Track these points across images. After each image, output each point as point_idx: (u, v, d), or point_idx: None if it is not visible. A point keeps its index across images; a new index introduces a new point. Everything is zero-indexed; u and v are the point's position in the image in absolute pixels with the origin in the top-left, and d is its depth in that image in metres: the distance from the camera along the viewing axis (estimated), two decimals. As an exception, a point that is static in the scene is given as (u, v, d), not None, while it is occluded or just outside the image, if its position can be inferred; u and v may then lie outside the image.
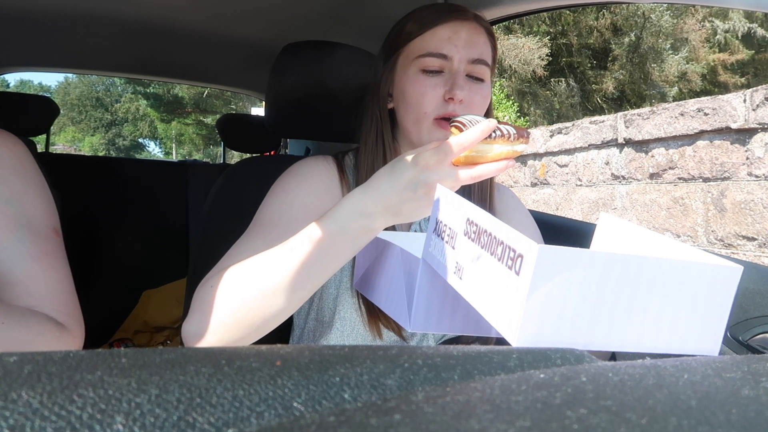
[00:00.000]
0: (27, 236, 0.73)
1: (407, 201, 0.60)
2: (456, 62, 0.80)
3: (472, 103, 0.81)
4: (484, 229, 0.45)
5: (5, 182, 0.73)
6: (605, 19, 10.49)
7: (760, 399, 0.20)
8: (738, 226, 2.86)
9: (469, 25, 0.82)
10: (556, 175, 4.29)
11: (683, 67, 11.01)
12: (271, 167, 1.07)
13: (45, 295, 0.72)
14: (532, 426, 0.17)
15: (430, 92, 0.80)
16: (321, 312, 0.87)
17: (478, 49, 0.82)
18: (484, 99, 0.83)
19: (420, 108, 0.80)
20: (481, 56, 0.82)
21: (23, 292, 0.70)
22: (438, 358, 0.25)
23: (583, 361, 0.27)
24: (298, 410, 0.20)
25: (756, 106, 2.73)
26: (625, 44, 10.72)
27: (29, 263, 0.72)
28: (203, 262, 1.00)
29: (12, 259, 0.71)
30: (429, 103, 0.80)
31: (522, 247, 0.40)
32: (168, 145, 27.86)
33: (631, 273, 0.41)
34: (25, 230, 0.73)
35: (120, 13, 1.46)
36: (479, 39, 0.82)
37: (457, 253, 0.49)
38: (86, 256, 1.71)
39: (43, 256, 0.73)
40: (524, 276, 0.39)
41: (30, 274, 0.71)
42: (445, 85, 0.80)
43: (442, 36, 0.80)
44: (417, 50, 0.82)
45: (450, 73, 0.80)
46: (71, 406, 0.18)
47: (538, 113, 10.79)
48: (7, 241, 0.71)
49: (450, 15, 0.82)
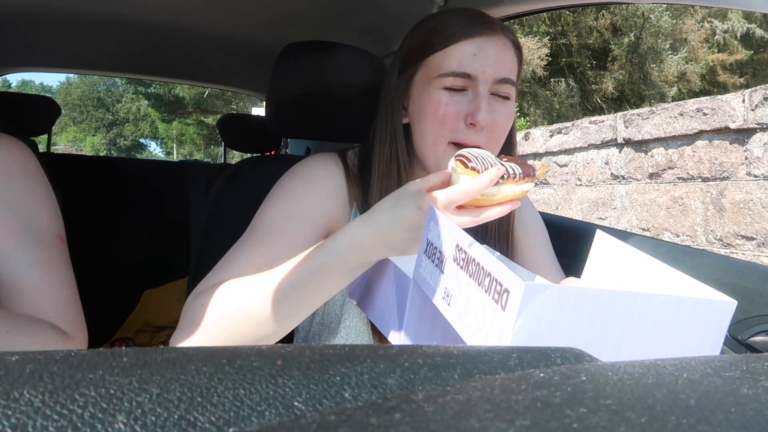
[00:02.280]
0: (32, 244, 0.73)
1: (408, 241, 0.59)
2: (481, 83, 0.74)
3: (496, 126, 0.76)
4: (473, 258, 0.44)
5: (12, 189, 0.73)
6: (605, 20, 10.48)
7: (759, 398, 0.20)
8: (737, 225, 2.86)
9: (497, 41, 0.75)
10: (556, 174, 4.29)
11: (682, 67, 11.01)
12: (271, 167, 1.07)
13: (49, 303, 0.72)
14: (532, 425, 0.17)
15: (451, 114, 0.74)
16: (328, 317, 0.86)
17: (505, 67, 0.75)
18: (507, 119, 0.77)
19: (440, 130, 0.75)
20: (509, 74, 0.75)
21: (27, 299, 0.71)
22: (438, 358, 0.25)
23: (583, 360, 0.27)
24: (299, 409, 0.20)
25: (755, 106, 2.73)
26: (625, 44, 10.72)
27: (34, 271, 0.72)
28: (204, 262, 1.00)
29: (17, 267, 0.71)
30: (450, 126, 0.74)
31: (508, 282, 0.39)
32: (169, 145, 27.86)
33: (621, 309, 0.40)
34: (31, 238, 0.73)
35: (121, 13, 1.46)
36: (506, 56, 0.76)
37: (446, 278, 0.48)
38: (87, 255, 1.71)
39: (47, 264, 0.73)
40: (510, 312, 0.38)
41: (34, 282, 0.72)
42: (468, 107, 0.74)
43: (467, 53, 0.73)
44: (438, 67, 0.75)
45: (474, 94, 0.74)
46: (73, 405, 0.18)
47: (538, 113, 10.78)
48: (13, 248, 0.71)
49: (476, 28, 0.74)
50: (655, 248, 0.96)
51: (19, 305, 0.70)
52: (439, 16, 0.79)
